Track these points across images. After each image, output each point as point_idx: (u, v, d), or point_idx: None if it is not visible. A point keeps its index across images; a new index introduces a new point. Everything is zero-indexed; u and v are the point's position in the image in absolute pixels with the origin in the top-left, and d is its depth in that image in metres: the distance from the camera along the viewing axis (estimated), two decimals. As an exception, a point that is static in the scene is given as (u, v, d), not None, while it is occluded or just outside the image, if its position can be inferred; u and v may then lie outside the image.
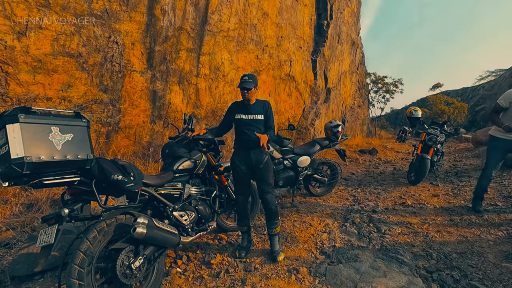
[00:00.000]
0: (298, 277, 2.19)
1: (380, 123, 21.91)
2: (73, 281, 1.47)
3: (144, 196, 2.01)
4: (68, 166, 1.53)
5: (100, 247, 1.62)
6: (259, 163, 2.45)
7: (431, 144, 4.81)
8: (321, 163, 4.39)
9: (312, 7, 9.26)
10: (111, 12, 4.02)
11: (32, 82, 3.38)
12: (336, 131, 4.33)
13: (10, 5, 3.16)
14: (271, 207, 2.45)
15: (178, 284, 2.14)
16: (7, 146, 1.32)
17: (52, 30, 3.48)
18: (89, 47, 3.84)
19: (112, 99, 4.15)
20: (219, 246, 2.77)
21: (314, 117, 8.96)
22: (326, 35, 9.61)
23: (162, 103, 4.80)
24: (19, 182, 1.42)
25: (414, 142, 7.51)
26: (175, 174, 2.32)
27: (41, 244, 1.52)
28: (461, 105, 18.50)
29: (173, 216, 2.13)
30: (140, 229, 1.66)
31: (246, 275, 2.22)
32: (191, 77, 5.24)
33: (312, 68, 9.27)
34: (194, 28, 5.16)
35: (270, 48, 7.17)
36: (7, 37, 3.15)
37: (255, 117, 2.45)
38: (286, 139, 3.92)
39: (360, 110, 13.92)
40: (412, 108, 5.41)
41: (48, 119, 1.46)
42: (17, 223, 2.74)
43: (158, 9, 4.55)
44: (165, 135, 4.81)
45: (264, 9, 6.86)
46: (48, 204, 3.08)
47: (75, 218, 1.64)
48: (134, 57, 4.37)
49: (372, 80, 19.66)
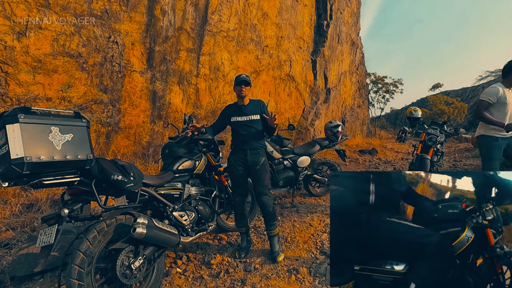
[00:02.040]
0: (298, 277, 2.18)
1: (380, 123, 21.91)
2: (73, 281, 1.46)
3: (144, 196, 2.01)
4: (68, 166, 1.53)
5: (100, 247, 1.62)
6: (255, 164, 2.44)
7: (431, 144, 4.81)
8: (321, 163, 4.39)
9: (312, 7, 9.27)
10: (111, 12, 4.02)
11: (32, 82, 3.38)
12: (336, 131, 4.33)
13: (10, 5, 3.16)
14: (268, 209, 2.44)
15: (178, 284, 2.14)
16: (7, 146, 1.32)
17: (52, 30, 3.48)
18: (89, 47, 3.84)
19: (112, 99, 4.15)
20: (219, 246, 2.77)
21: (314, 117, 8.97)
22: (326, 35, 9.62)
23: (162, 103, 4.80)
24: (19, 182, 1.42)
25: (414, 142, 7.52)
26: (175, 174, 2.32)
27: (41, 244, 1.52)
28: (461, 105, 18.51)
29: (173, 216, 2.13)
30: (140, 229, 1.66)
31: (246, 275, 2.22)
32: (191, 77, 5.24)
33: (312, 68, 9.27)
34: (194, 28, 5.16)
35: (270, 48, 7.17)
36: (7, 37, 3.15)
37: (251, 118, 2.44)
38: (286, 139, 3.92)
39: (360, 110, 13.93)
40: (412, 108, 5.41)
41: (48, 119, 1.46)
42: (17, 223, 2.74)
43: (158, 9, 4.55)
44: (165, 135, 4.81)
45: (264, 9, 6.86)
46: (48, 204, 3.08)
47: (75, 218, 1.64)
48: (134, 57, 4.37)
49: (372, 80, 19.66)
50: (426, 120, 5.51)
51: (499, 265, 1.53)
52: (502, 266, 1.53)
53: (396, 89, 19.96)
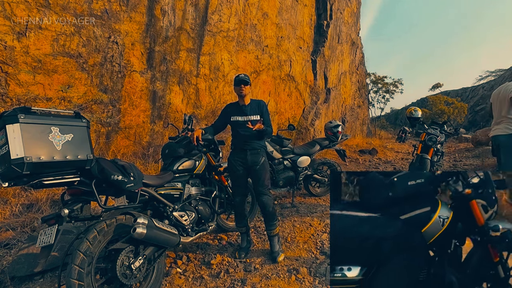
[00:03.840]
0: (298, 277, 2.18)
1: (380, 123, 21.90)
2: (73, 282, 1.47)
3: (144, 196, 2.01)
4: (68, 166, 1.53)
5: (100, 247, 1.62)
6: (255, 164, 2.44)
7: (431, 144, 4.81)
8: (321, 163, 4.39)
9: (312, 7, 9.26)
10: (111, 12, 4.02)
11: (32, 82, 3.38)
12: (336, 131, 4.33)
13: (10, 5, 3.16)
14: (268, 209, 2.44)
15: (178, 284, 2.14)
16: (7, 146, 1.32)
17: (52, 30, 3.48)
18: (89, 48, 3.84)
19: (112, 99, 4.15)
20: (219, 246, 2.77)
21: (314, 117, 8.96)
22: (326, 35, 9.61)
23: (162, 103, 4.80)
24: (19, 182, 1.42)
25: (414, 142, 7.52)
26: (175, 174, 2.32)
27: (41, 244, 1.52)
28: (461, 105, 18.51)
29: (173, 216, 2.13)
30: (140, 229, 1.66)
31: (246, 275, 2.22)
32: (191, 77, 5.24)
33: (312, 68, 9.27)
34: (194, 28, 5.16)
35: (270, 48, 7.17)
36: (7, 37, 3.15)
37: (251, 118, 2.44)
38: (286, 139, 3.92)
39: (360, 110, 13.92)
40: (412, 108, 5.41)
41: (48, 119, 1.46)
42: (17, 223, 2.74)
43: (158, 9, 4.55)
44: (165, 135, 4.81)
45: (264, 9, 6.86)
46: (48, 204, 3.08)
47: (75, 218, 1.65)
48: (134, 57, 4.37)
49: (372, 80, 19.65)
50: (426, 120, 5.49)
51: (495, 252, 1.02)
52: (501, 253, 1.02)
53: (396, 89, 19.96)
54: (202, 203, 2.50)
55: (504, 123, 2.84)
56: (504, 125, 2.84)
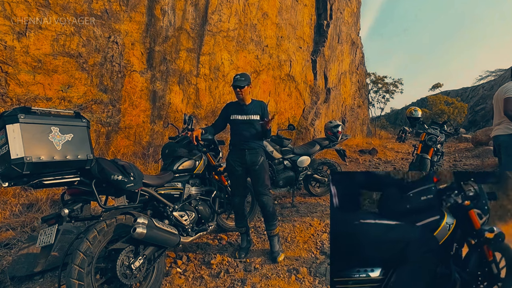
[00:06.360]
0: (298, 277, 2.18)
1: (380, 123, 21.90)
2: (73, 281, 1.47)
3: (144, 196, 2.01)
4: (68, 166, 1.53)
5: (100, 247, 1.62)
6: (254, 164, 2.43)
7: (431, 144, 4.81)
8: (321, 163, 4.39)
9: (312, 7, 9.27)
10: (111, 12, 4.02)
11: (32, 82, 3.38)
12: (336, 131, 4.33)
13: (10, 5, 3.17)
14: (268, 209, 2.43)
15: (178, 284, 2.14)
16: (7, 146, 1.32)
17: (52, 30, 3.49)
18: (89, 47, 3.85)
19: (112, 99, 4.16)
20: (219, 246, 2.77)
21: (314, 117, 8.97)
22: (326, 35, 9.62)
23: (162, 103, 4.80)
24: (19, 182, 1.42)
25: (414, 142, 7.52)
26: (175, 174, 2.32)
27: (41, 244, 1.52)
28: (461, 105, 18.52)
29: (173, 216, 2.13)
30: (140, 229, 1.66)
31: (246, 275, 2.22)
32: (191, 77, 5.24)
33: (312, 68, 9.27)
34: (194, 28, 5.16)
35: (270, 48, 7.17)
36: (7, 37, 3.15)
37: (251, 118, 2.43)
38: (286, 139, 3.92)
39: (360, 110, 13.93)
40: (412, 108, 5.41)
41: (48, 119, 1.46)
42: (17, 223, 2.74)
43: (158, 9, 4.55)
44: (165, 135, 4.81)
45: (264, 9, 6.86)
46: (48, 204, 3.08)
47: (75, 218, 1.65)
48: (134, 57, 4.37)
49: (372, 80, 19.64)
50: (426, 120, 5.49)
51: (490, 251, 1.25)
52: (494, 252, 1.25)
53: (396, 89, 19.95)
54: (202, 203, 2.50)
55: (505, 124, 2.85)
56: (504, 125, 2.86)
